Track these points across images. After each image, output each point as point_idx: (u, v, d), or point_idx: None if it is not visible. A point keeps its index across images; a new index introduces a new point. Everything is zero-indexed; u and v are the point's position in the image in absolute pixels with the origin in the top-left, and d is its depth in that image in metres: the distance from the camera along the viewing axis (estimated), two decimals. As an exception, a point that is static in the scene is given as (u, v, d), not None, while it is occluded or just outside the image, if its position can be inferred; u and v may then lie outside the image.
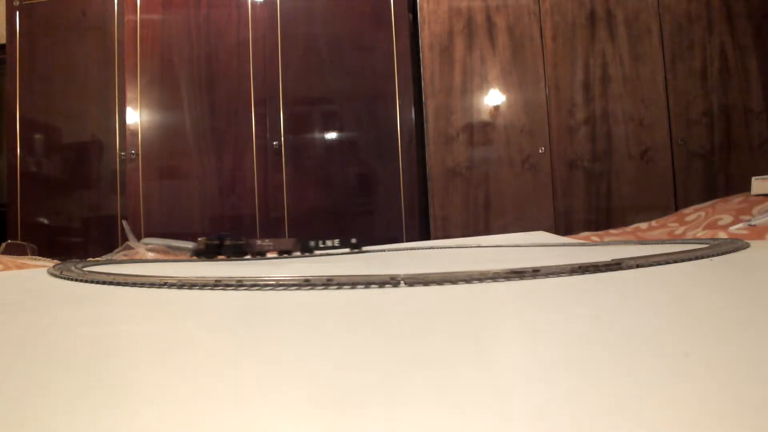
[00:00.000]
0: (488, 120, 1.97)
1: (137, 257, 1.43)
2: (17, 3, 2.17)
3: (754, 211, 1.30)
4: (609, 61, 1.93)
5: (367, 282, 0.47)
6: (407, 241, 1.86)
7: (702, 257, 0.62)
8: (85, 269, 0.76)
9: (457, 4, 1.98)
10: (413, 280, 0.47)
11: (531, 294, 0.42)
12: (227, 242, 1.13)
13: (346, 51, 1.99)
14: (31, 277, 0.79)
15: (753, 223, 1.17)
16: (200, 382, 0.21)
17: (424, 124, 1.98)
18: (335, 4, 2.00)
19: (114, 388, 0.20)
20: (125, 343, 0.30)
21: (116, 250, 1.57)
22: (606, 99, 1.92)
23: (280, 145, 1.98)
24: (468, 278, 0.47)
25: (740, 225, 1.18)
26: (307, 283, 0.48)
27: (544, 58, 1.95)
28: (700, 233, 1.23)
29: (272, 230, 1.97)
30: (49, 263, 1.20)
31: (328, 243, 1.28)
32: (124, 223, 1.81)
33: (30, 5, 2.17)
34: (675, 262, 0.58)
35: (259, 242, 1.18)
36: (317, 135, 2.02)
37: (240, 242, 1.15)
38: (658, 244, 1.09)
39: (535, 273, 0.49)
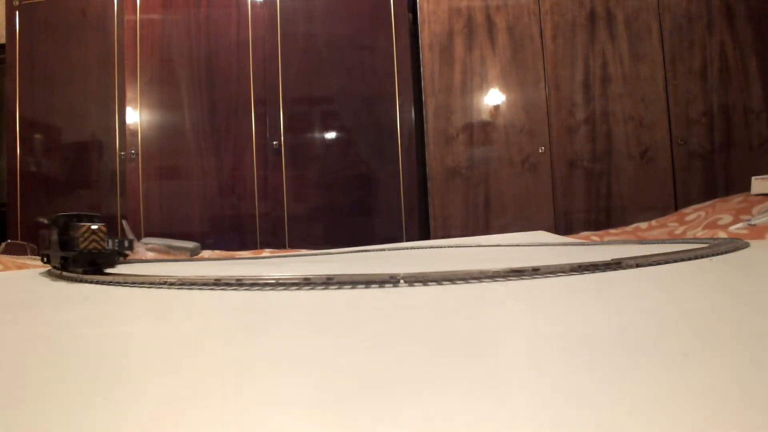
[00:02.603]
0: (488, 120, 1.97)
1: (137, 257, 1.43)
2: (17, 3, 2.17)
3: (754, 210, 1.30)
4: (609, 60, 1.93)
5: (368, 281, 0.47)
6: (407, 240, 1.86)
7: (702, 257, 0.62)
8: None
9: (457, 4, 1.98)
10: (413, 279, 0.47)
11: (531, 293, 0.42)
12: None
13: (346, 51, 1.99)
14: (31, 277, 0.79)
15: (753, 222, 1.17)
16: (200, 381, 0.21)
17: (424, 124, 1.98)
18: (335, 4, 2.00)
19: (114, 388, 0.20)
20: (125, 343, 0.30)
21: (116, 250, 1.56)
22: (606, 99, 1.92)
23: (280, 145, 1.98)
24: (467, 277, 0.47)
25: (740, 225, 1.18)
26: (307, 283, 0.48)
27: (544, 58, 1.95)
28: (700, 233, 1.23)
29: (272, 230, 1.97)
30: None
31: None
32: (124, 222, 1.81)
33: (30, 5, 2.17)
34: (675, 261, 0.58)
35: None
36: (317, 135, 2.02)
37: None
38: (658, 243, 1.09)
39: (535, 272, 0.49)
